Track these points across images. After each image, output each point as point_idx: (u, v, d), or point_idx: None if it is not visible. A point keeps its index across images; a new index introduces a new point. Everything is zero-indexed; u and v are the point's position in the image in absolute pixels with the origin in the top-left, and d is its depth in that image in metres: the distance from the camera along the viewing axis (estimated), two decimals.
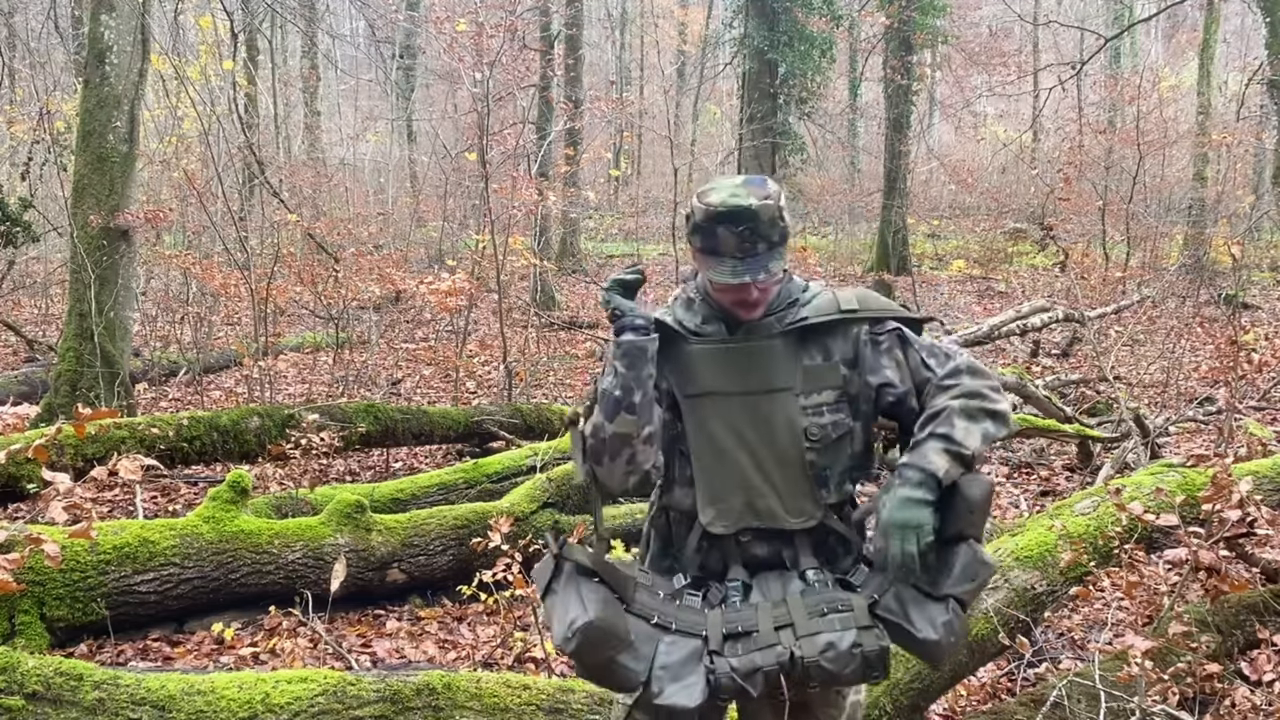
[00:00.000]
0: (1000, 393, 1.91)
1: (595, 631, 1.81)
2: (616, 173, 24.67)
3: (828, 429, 1.92)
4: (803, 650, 1.78)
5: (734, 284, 1.86)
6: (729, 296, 1.91)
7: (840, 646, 1.79)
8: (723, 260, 1.85)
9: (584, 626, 1.81)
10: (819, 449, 1.92)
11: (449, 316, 10.04)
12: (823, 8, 16.39)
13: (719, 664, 1.79)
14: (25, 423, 3.41)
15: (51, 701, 2.53)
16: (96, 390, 6.66)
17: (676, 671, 1.80)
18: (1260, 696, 3.11)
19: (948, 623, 1.83)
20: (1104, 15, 25.13)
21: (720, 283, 1.87)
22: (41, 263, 13.05)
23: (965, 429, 1.82)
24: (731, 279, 1.84)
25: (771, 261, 1.86)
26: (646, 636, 1.84)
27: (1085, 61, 15.42)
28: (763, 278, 1.85)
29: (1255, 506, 3.12)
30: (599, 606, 1.83)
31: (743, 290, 1.88)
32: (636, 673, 1.82)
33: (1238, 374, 6.38)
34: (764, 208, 1.83)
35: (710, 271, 1.87)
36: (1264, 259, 15.56)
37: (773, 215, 1.85)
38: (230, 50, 11.09)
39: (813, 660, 1.77)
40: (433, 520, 4.51)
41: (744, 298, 1.90)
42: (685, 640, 1.83)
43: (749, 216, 1.82)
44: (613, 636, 1.82)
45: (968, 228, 20.81)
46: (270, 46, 18.56)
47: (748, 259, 1.84)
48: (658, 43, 27.92)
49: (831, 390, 1.93)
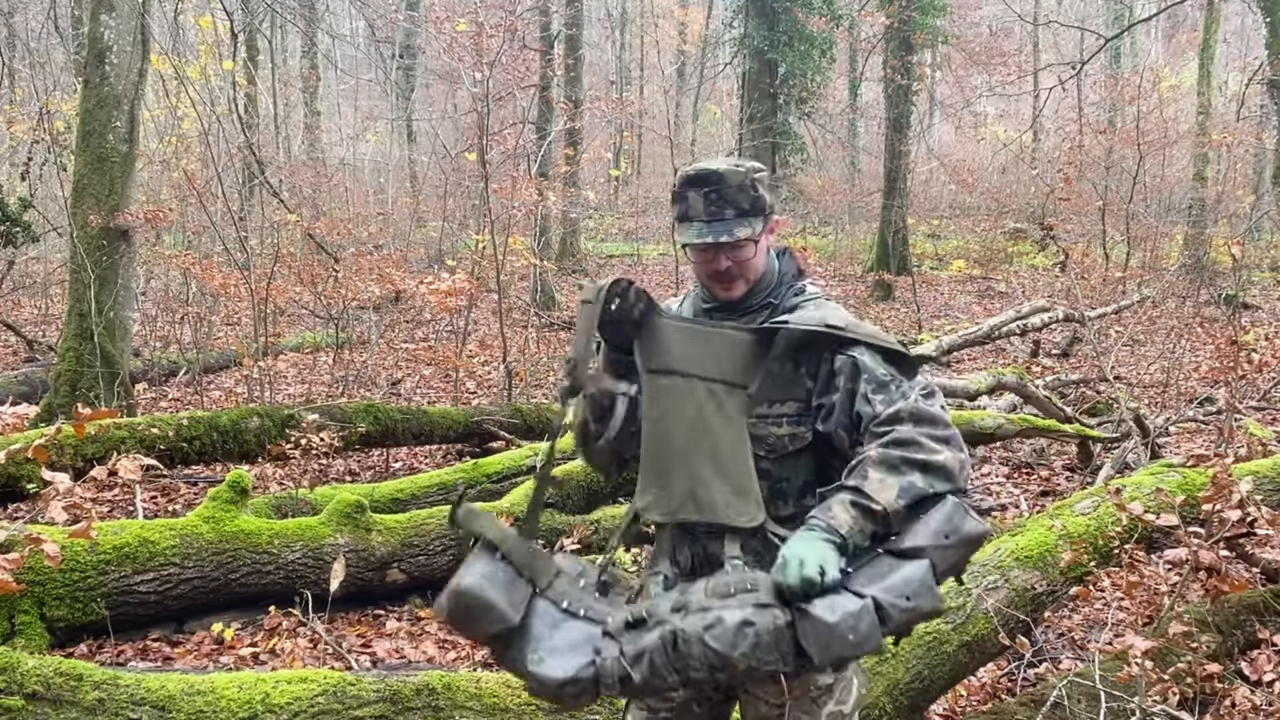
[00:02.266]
0: (950, 443, 1.72)
1: (463, 598, 1.72)
2: (616, 173, 24.68)
3: (784, 440, 1.87)
4: (687, 627, 1.63)
5: (699, 244, 1.88)
6: (703, 268, 1.94)
7: (727, 622, 1.61)
8: (691, 224, 1.88)
9: (450, 591, 1.73)
10: (774, 459, 1.87)
11: (449, 316, 10.04)
12: (823, 8, 16.40)
13: (607, 648, 1.68)
14: (25, 423, 3.41)
15: (51, 701, 2.53)
16: (96, 390, 6.66)
17: (562, 649, 1.70)
18: (1260, 696, 3.11)
19: (853, 614, 1.59)
20: (1104, 15, 25.13)
21: (690, 245, 1.90)
22: (41, 263, 13.05)
23: (880, 481, 1.67)
24: (695, 239, 1.87)
25: (739, 227, 1.86)
26: (551, 620, 1.75)
27: (1085, 61, 15.43)
28: (726, 239, 1.85)
29: (1255, 506, 3.12)
30: (476, 577, 1.74)
31: (713, 258, 1.89)
32: (512, 646, 1.73)
33: (1238, 374, 6.38)
34: (731, 173, 1.87)
35: (680, 236, 1.91)
36: (1264, 259, 15.57)
37: (741, 182, 1.87)
38: (230, 50, 11.09)
39: (695, 635, 1.61)
40: (433, 520, 4.51)
41: (715, 267, 1.90)
42: (588, 625, 1.74)
43: (715, 179, 1.86)
44: (485, 609, 1.71)
45: (968, 228, 20.81)
46: (270, 46, 18.57)
47: (714, 222, 1.86)
48: (658, 43, 27.93)
49: (795, 402, 1.87)
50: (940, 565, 1.66)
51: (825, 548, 1.63)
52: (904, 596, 1.62)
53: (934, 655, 3.01)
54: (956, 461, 1.72)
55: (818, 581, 1.59)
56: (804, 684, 1.90)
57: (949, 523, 1.67)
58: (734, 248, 1.89)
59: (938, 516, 1.68)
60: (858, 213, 20.47)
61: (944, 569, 1.67)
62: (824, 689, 1.92)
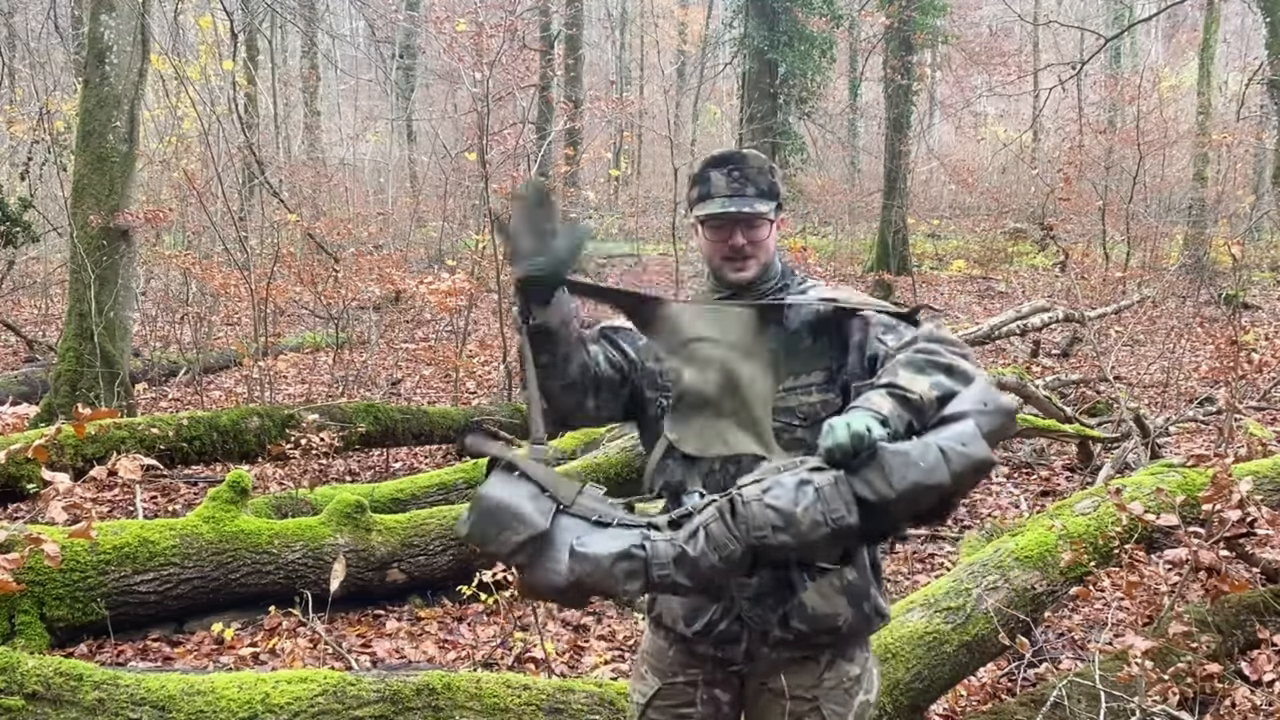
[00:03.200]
0: (964, 355, 1.75)
1: (486, 507, 1.63)
2: (616, 173, 24.67)
3: (816, 407, 1.90)
4: (744, 494, 1.59)
5: (720, 214, 1.91)
6: (719, 248, 1.95)
7: (785, 483, 1.57)
8: (713, 199, 1.93)
9: (471, 505, 1.65)
10: (808, 426, 1.89)
11: (449, 316, 10.04)
12: (823, 8, 16.40)
13: (655, 536, 1.62)
14: (25, 423, 3.41)
15: (51, 701, 2.53)
16: (96, 390, 6.66)
17: (605, 540, 1.62)
18: (1260, 696, 3.11)
19: (920, 444, 1.57)
20: (1104, 15, 25.13)
21: (710, 216, 1.93)
22: (41, 263, 13.05)
23: (910, 378, 1.68)
24: (719, 209, 1.91)
25: (759, 203, 1.92)
26: (581, 530, 1.65)
27: (1085, 61, 15.44)
28: (748, 210, 1.91)
29: (1255, 506, 3.12)
30: (497, 488, 1.66)
31: (730, 234, 1.93)
32: (541, 555, 1.62)
33: (1238, 374, 6.39)
34: (753, 155, 1.96)
35: (701, 210, 1.94)
36: (1264, 259, 15.57)
37: (761, 165, 1.95)
38: (230, 50, 11.10)
39: (753, 497, 1.57)
40: (433, 520, 4.51)
41: (732, 243, 1.93)
42: (625, 530, 1.65)
43: (738, 159, 1.95)
44: (511, 516, 1.62)
45: (968, 228, 20.81)
46: (270, 46, 18.57)
47: (735, 196, 1.92)
48: (658, 43, 27.92)
49: (821, 371, 1.92)
50: (983, 429, 1.61)
51: (869, 417, 1.61)
52: (960, 443, 1.57)
53: (934, 655, 3.01)
54: (978, 369, 1.74)
55: (866, 436, 1.56)
56: (837, 674, 1.92)
57: (985, 393, 1.66)
58: (751, 225, 1.93)
59: (974, 389, 1.67)
60: (858, 213, 20.47)
61: (987, 432, 1.63)
62: (854, 679, 1.94)
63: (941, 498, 1.60)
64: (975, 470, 1.59)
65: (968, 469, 1.57)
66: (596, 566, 1.58)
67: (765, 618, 1.87)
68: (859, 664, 1.95)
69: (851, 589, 1.89)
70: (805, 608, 1.86)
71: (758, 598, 1.88)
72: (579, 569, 1.59)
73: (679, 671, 1.99)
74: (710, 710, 1.99)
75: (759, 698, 1.97)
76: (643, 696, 2.02)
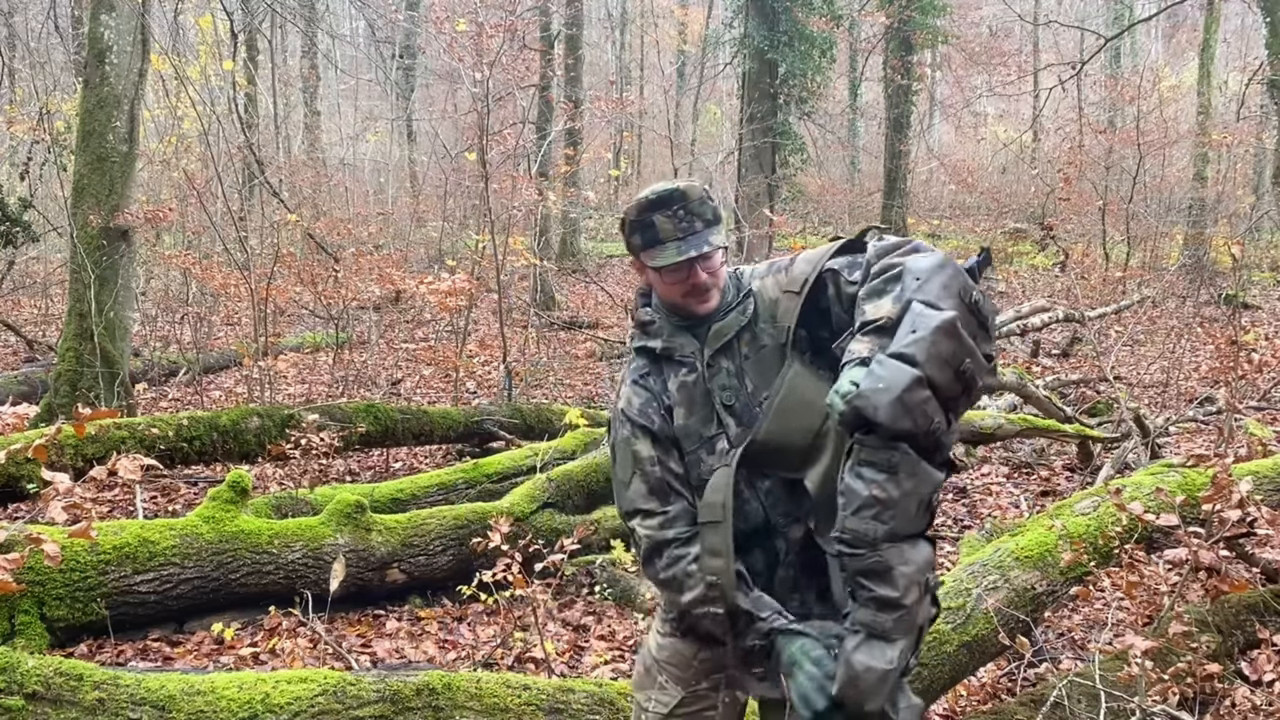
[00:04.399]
0: (913, 248, 1.73)
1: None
2: (616, 173, 24.65)
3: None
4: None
5: (680, 261, 1.86)
6: (679, 288, 1.91)
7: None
8: (665, 246, 1.87)
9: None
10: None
11: (449, 316, 10.04)
12: (823, 8, 16.39)
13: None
14: (25, 423, 3.40)
15: (51, 701, 2.53)
16: (96, 390, 6.66)
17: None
18: (1260, 696, 3.10)
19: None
20: (1104, 15, 25.13)
21: (667, 266, 1.88)
22: (41, 263, 13.05)
23: (874, 306, 1.67)
24: (677, 256, 1.86)
25: (712, 236, 1.88)
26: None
27: (1085, 61, 15.42)
28: (706, 249, 1.86)
29: (1255, 506, 3.12)
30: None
31: (691, 273, 1.89)
32: None
33: (1238, 374, 6.39)
34: (690, 188, 1.89)
35: (655, 260, 1.88)
36: (1264, 259, 15.56)
37: (700, 195, 1.89)
38: (230, 50, 11.09)
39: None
40: (433, 520, 4.51)
41: (695, 282, 1.89)
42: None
43: (679, 196, 1.87)
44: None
45: (968, 228, 20.81)
46: (270, 46, 18.55)
47: (688, 237, 1.87)
48: (658, 43, 27.93)
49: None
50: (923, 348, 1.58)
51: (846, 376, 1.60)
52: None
53: (934, 655, 3.01)
54: (928, 255, 1.69)
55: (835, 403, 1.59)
56: None
57: (917, 320, 1.59)
58: (708, 259, 1.89)
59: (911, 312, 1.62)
60: (858, 213, 20.48)
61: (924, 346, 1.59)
62: None
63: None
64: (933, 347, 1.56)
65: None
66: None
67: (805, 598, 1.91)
68: None
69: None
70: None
71: (795, 582, 1.92)
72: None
73: (703, 679, 2.00)
74: (730, 710, 2.01)
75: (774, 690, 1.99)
76: (664, 707, 2.01)
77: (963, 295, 1.61)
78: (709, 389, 1.93)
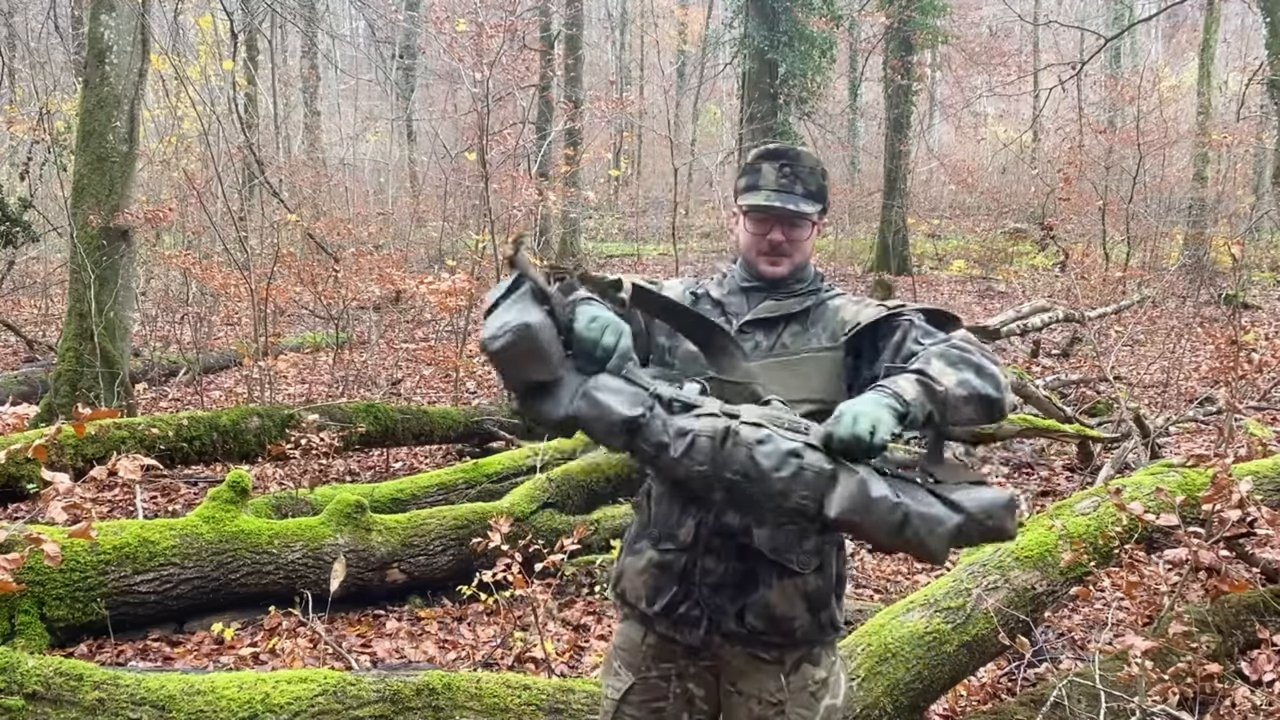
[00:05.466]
0: (997, 364, 1.75)
1: (528, 336, 1.62)
2: (616, 173, 24.67)
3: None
4: (741, 432, 1.62)
5: (764, 206, 1.92)
6: (757, 240, 1.97)
7: (779, 445, 1.60)
8: (760, 191, 1.94)
9: (518, 326, 1.63)
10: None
11: (449, 316, 10.04)
12: (823, 8, 16.39)
13: (657, 411, 1.66)
14: (25, 423, 3.41)
15: (51, 701, 2.53)
16: (96, 390, 6.66)
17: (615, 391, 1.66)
18: (1260, 696, 3.10)
19: (889, 501, 1.58)
20: (1104, 15, 25.14)
21: (754, 208, 1.94)
22: (41, 263, 13.05)
23: (940, 369, 1.68)
24: (764, 201, 1.92)
25: (805, 204, 1.93)
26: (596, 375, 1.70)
27: (1085, 62, 15.43)
28: (792, 208, 1.92)
29: (1255, 506, 3.12)
30: (538, 318, 1.65)
31: (770, 229, 1.94)
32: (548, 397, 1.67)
33: (1238, 374, 6.38)
34: (806, 154, 1.97)
35: (746, 200, 1.95)
36: (1264, 259, 15.57)
37: (812, 164, 1.96)
38: (230, 50, 11.09)
39: (746, 441, 1.60)
40: (433, 520, 4.51)
41: (772, 239, 1.95)
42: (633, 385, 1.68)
43: (792, 155, 1.96)
44: (542, 353, 1.64)
45: (968, 228, 20.82)
46: (270, 46, 18.55)
47: (783, 192, 1.93)
48: (658, 43, 27.93)
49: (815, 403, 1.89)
50: (964, 533, 1.63)
51: (883, 410, 1.61)
52: (928, 529, 1.59)
53: (934, 655, 3.01)
54: (1004, 376, 1.74)
55: (866, 440, 1.57)
56: (801, 678, 1.91)
57: (997, 508, 1.64)
58: (793, 224, 1.95)
59: (991, 497, 1.65)
60: (858, 213, 20.48)
61: (963, 537, 1.64)
62: (820, 683, 1.93)
63: (867, 540, 1.66)
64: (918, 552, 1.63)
65: (912, 546, 1.61)
66: (601, 416, 1.65)
67: (723, 607, 1.87)
68: (825, 668, 1.94)
69: (813, 596, 1.89)
70: (764, 605, 1.86)
71: (719, 586, 1.88)
72: (585, 410, 1.66)
73: (652, 665, 1.98)
74: (683, 704, 1.98)
75: (728, 699, 1.97)
76: (616, 692, 2.01)
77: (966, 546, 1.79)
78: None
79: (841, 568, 1.97)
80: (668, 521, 1.93)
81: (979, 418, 1.71)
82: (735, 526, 1.86)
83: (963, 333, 1.83)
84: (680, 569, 1.90)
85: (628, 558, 2.01)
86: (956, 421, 1.69)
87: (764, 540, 1.85)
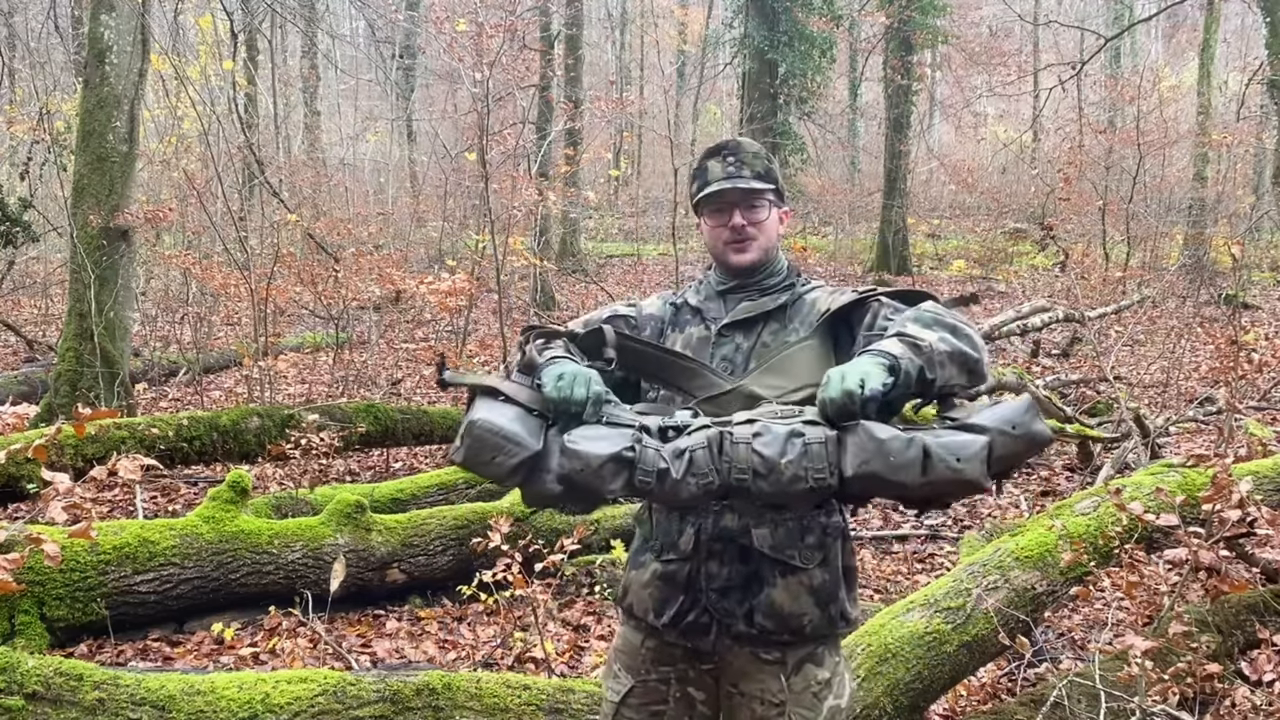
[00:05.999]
0: (968, 325, 1.74)
1: (480, 433, 1.65)
2: (616, 173, 24.67)
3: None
4: (735, 432, 1.61)
5: (715, 191, 1.93)
6: (720, 232, 1.97)
7: (776, 431, 1.59)
8: (710, 185, 1.95)
9: (467, 426, 1.66)
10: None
11: (449, 316, 10.04)
12: (823, 8, 16.40)
13: (647, 442, 1.64)
14: (25, 423, 3.41)
15: (51, 701, 2.53)
16: (96, 390, 6.66)
17: (598, 438, 1.65)
18: (1260, 696, 3.10)
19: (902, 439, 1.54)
20: (1104, 15, 25.14)
21: (706, 197, 1.95)
22: (41, 263, 13.06)
23: (918, 330, 1.68)
24: (713, 186, 1.93)
25: (756, 182, 1.93)
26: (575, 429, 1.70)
27: (1085, 62, 15.43)
28: (743, 186, 1.92)
29: (1255, 506, 3.12)
30: (486, 413, 1.67)
31: (729, 216, 1.94)
32: (536, 473, 1.67)
33: (1238, 374, 6.38)
34: (747, 142, 1.99)
35: (700, 197, 1.97)
36: (1264, 259, 15.57)
37: (756, 150, 1.98)
38: (230, 50, 11.09)
39: (743, 438, 1.60)
40: (433, 520, 4.52)
41: (733, 224, 1.94)
42: (618, 429, 1.68)
43: (733, 146, 1.97)
44: (504, 437, 1.64)
45: (968, 228, 20.82)
46: (270, 46, 18.55)
47: (733, 179, 1.94)
48: (658, 43, 27.93)
49: (806, 390, 1.89)
50: (997, 450, 1.58)
51: (869, 364, 1.61)
52: (954, 456, 1.54)
53: (934, 655, 3.01)
54: (979, 338, 1.73)
55: (857, 393, 1.56)
56: (804, 678, 1.90)
57: (1021, 415, 1.61)
58: (751, 206, 1.94)
59: (1008, 407, 1.62)
60: (858, 213, 20.48)
61: (999, 455, 1.59)
62: (823, 683, 1.92)
63: (903, 496, 1.61)
64: (959, 485, 1.58)
65: (948, 481, 1.56)
66: (586, 465, 1.62)
67: (731, 610, 1.87)
68: (828, 668, 1.93)
69: (820, 591, 1.88)
70: (772, 604, 1.86)
71: (725, 590, 1.87)
72: (568, 465, 1.64)
73: (651, 669, 1.98)
74: (684, 708, 1.97)
75: (729, 701, 1.96)
76: (616, 695, 2.01)
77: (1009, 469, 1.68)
78: (711, 353, 1.95)
79: (848, 559, 1.95)
80: (668, 532, 1.94)
81: (962, 379, 1.68)
82: (734, 529, 1.86)
83: (930, 303, 1.82)
84: (685, 578, 1.90)
85: (632, 571, 2.02)
86: (945, 382, 1.66)
87: (764, 539, 1.85)
